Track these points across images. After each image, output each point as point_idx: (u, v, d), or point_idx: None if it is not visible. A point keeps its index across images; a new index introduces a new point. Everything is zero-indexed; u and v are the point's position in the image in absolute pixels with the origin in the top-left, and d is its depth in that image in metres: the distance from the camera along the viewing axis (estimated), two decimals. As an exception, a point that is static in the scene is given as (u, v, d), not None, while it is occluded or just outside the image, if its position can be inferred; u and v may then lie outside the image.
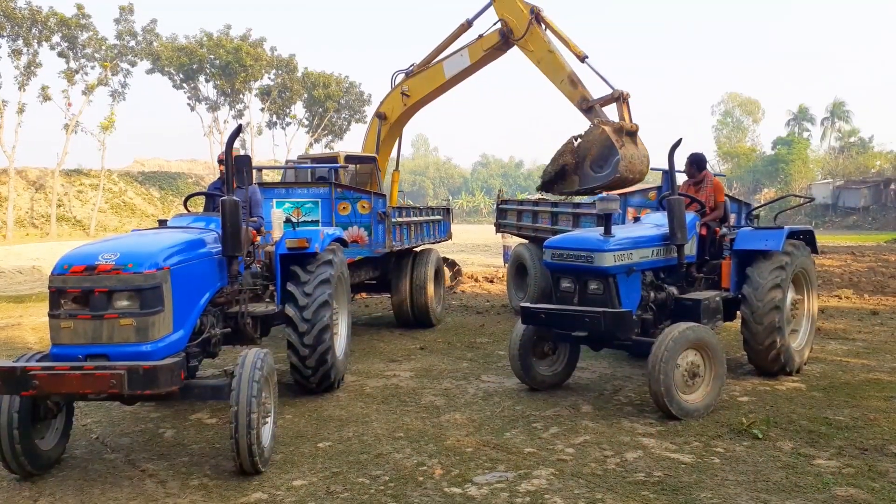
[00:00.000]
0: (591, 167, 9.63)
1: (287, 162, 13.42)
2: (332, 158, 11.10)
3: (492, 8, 10.89)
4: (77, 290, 4.22)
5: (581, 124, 10.72)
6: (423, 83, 11.56)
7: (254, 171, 8.32)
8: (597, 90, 10.12)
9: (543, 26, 10.49)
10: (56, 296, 4.25)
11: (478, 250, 28.60)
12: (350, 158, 11.12)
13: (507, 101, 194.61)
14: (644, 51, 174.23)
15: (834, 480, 4.34)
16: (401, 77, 11.89)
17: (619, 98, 9.76)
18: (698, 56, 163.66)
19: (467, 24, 11.30)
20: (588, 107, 9.89)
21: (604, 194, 6.77)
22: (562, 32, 10.50)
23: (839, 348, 8.48)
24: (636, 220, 7.36)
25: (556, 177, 9.99)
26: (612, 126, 9.39)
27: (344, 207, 8.64)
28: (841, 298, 13.07)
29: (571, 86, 10.09)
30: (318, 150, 58.40)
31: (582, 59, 10.27)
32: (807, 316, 7.47)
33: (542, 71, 10.40)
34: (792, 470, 4.53)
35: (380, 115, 12.06)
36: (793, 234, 7.15)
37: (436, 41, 11.70)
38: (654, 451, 4.90)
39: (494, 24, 10.80)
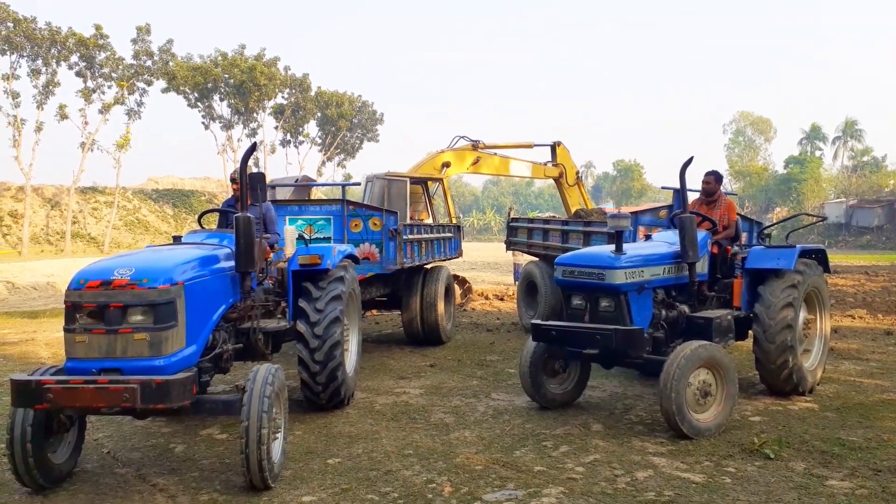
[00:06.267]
0: None
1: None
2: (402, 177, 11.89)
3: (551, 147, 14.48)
4: (92, 305, 4.28)
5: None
6: (492, 165, 14.13)
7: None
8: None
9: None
10: (71, 310, 4.31)
11: (488, 268, 28.60)
12: (419, 181, 12.13)
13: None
14: (656, 69, 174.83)
15: (847, 502, 4.30)
16: (463, 142, 13.68)
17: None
18: (710, 75, 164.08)
19: (532, 145, 14.72)
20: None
21: (615, 212, 6.80)
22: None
23: (852, 368, 8.41)
24: (647, 238, 7.35)
25: None
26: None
27: (356, 224, 8.70)
28: (854, 318, 12.95)
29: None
30: (331, 168, 58.91)
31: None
32: (819, 336, 7.42)
33: (565, 192, 14.58)
34: (804, 491, 4.49)
35: (445, 164, 13.21)
36: (805, 253, 7.12)
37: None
38: (664, 470, 4.88)
39: (552, 162, 14.49)
